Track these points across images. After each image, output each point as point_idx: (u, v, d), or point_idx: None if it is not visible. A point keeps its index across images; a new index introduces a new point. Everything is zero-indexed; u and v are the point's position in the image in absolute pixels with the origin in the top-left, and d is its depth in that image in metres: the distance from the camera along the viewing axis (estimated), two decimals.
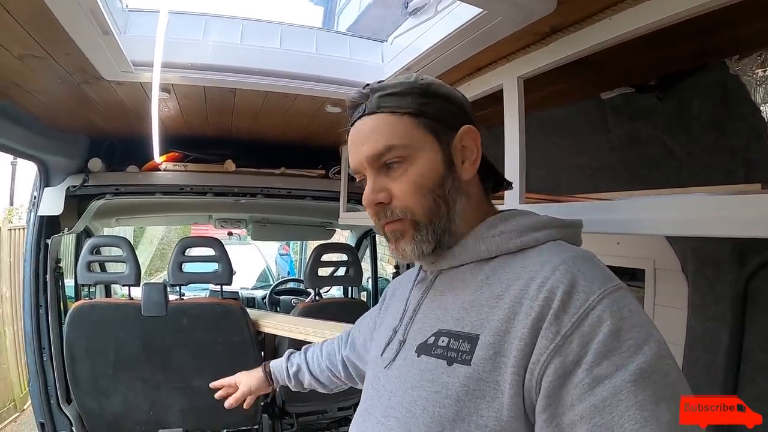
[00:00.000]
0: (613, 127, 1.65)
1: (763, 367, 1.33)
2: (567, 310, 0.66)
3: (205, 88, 1.86)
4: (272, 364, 1.50)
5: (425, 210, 0.84)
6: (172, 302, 2.71)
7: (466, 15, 1.21)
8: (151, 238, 12.96)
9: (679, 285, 1.53)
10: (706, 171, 1.39)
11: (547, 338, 0.65)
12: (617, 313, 0.64)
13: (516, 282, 0.74)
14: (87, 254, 2.67)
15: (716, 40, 1.23)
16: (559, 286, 0.68)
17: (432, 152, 0.84)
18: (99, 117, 2.23)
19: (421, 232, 0.84)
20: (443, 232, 0.85)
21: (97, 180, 2.62)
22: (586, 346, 0.63)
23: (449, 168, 0.86)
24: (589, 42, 1.15)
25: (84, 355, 2.56)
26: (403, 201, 0.84)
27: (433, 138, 0.85)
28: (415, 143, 0.84)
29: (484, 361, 0.70)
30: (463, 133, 0.87)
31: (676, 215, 0.96)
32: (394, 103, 0.85)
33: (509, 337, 0.69)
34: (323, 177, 3.06)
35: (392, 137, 0.83)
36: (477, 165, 0.88)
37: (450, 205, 0.86)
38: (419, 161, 0.84)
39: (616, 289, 0.68)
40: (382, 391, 0.87)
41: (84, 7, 1.15)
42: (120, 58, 1.50)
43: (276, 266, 8.36)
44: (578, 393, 0.62)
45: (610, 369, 0.61)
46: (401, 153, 0.83)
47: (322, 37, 1.90)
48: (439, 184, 0.84)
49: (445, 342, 0.78)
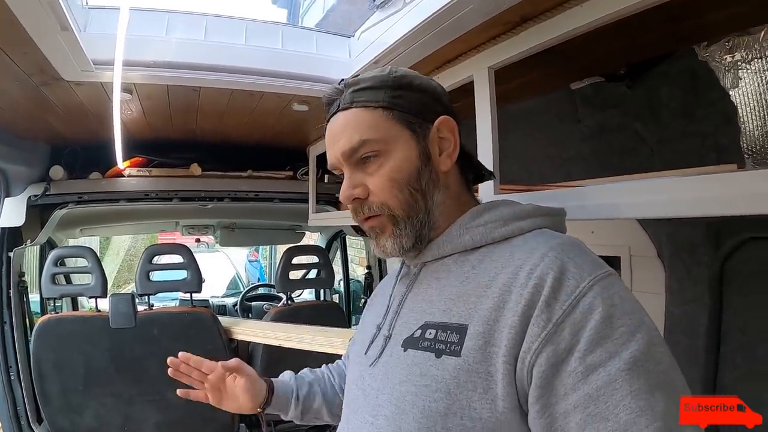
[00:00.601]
0: (584, 116, 1.66)
1: (743, 347, 1.36)
2: (558, 297, 0.65)
3: (168, 87, 1.80)
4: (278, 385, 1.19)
5: (402, 204, 0.83)
6: (140, 313, 2.65)
7: (434, 5, 1.20)
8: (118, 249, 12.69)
9: (655, 270, 1.55)
10: (678, 157, 1.40)
11: (538, 326, 0.64)
12: (608, 300, 0.64)
13: (503, 270, 0.73)
14: (51, 266, 2.58)
15: (685, 27, 1.24)
16: (548, 272, 0.67)
17: (407, 145, 0.84)
18: (59, 121, 2.15)
19: (399, 227, 0.84)
20: (422, 225, 0.84)
21: (60, 188, 2.54)
22: (578, 334, 0.62)
23: (426, 160, 0.85)
24: (559, 30, 1.14)
25: (53, 372, 2.48)
26: (380, 196, 0.83)
27: (408, 131, 0.84)
28: (390, 137, 0.83)
29: (474, 352, 0.69)
30: (439, 123, 0.86)
31: (651, 198, 0.95)
32: (366, 98, 0.84)
33: (499, 326, 0.68)
34: (291, 178, 3.02)
35: (365, 131, 0.83)
36: (455, 156, 0.87)
37: (428, 199, 0.85)
38: (394, 155, 0.83)
39: (607, 275, 0.67)
40: (368, 389, 0.85)
41: (42, 1, 1.10)
42: (80, 56, 1.44)
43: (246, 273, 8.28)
44: (571, 382, 0.61)
45: (604, 357, 0.60)
46: (375, 147, 0.82)
47: (288, 33, 1.86)
48: (415, 177, 0.83)
49: (432, 334, 0.76)
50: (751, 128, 1.25)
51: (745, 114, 1.26)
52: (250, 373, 1.16)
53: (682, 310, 1.45)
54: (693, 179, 0.90)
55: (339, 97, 0.87)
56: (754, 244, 1.34)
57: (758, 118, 1.24)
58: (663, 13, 1.02)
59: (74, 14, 1.34)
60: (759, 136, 1.24)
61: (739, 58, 1.26)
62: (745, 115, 1.26)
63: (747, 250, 1.35)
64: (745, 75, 1.25)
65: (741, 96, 1.27)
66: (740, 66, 1.26)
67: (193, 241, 5.28)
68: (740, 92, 1.27)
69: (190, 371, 1.18)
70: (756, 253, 1.33)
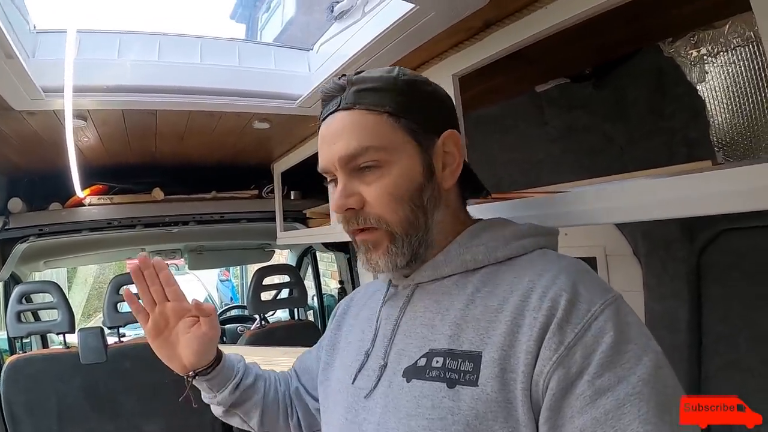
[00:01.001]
0: (550, 118, 1.67)
1: (725, 338, 1.37)
2: (570, 320, 0.63)
3: (123, 111, 1.74)
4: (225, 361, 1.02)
5: (401, 221, 0.77)
6: (111, 346, 2.60)
7: (395, 14, 1.17)
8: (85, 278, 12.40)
9: (631, 268, 1.56)
10: (649, 154, 1.41)
11: (551, 348, 0.62)
12: (618, 325, 0.62)
13: (514, 293, 0.70)
14: (15, 304, 2.52)
15: (649, 25, 1.25)
16: (561, 294, 0.65)
17: (411, 158, 0.78)
18: (14, 152, 2.08)
19: (396, 245, 0.78)
20: (420, 244, 0.79)
21: (19, 222, 2.44)
22: (589, 357, 0.61)
23: (429, 176, 0.79)
24: (524, 34, 1.12)
25: (25, 413, 2.41)
26: (377, 209, 0.77)
27: (414, 142, 0.78)
28: (393, 146, 0.77)
29: (492, 380, 0.65)
30: (445, 137, 0.81)
31: (626, 202, 0.93)
32: (372, 100, 0.77)
33: (515, 351, 0.65)
34: (257, 197, 2.96)
35: (369, 138, 0.76)
36: (458, 173, 0.82)
37: (428, 216, 0.79)
38: (397, 167, 0.77)
39: (615, 299, 0.66)
40: (365, 424, 0.78)
41: None
42: (28, 84, 1.38)
43: (218, 293, 8.20)
44: (579, 405, 0.60)
45: (613, 381, 0.59)
46: (377, 156, 0.76)
47: (245, 50, 1.82)
48: (417, 193, 0.78)
49: (440, 363, 0.71)
50: (720, 121, 1.28)
51: (713, 107, 1.29)
52: (214, 326, 0.97)
53: (662, 306, 1.46)
54: (668, 180, 0.88)
55: (339, 94, 0.80)
56: (728, 236, 1.35)
57: (727, 111, 1.27)
58: (626, 12, 1.00)
59: (21, 40, 1.29)
60: (728, 129, 1.27)
61: (705, 53, 1.28)
62: (714, 108, 1.29)
63: (722, 242, 1.36)
64: (711, 69, 1.28)
65: (708, 90, 1.29)
66: (706, 60, 1.28)
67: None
68: (707, 86, 1.29)
69: (152, 281, 0.95)
70: (731, 245, 1.35)
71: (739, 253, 1.33)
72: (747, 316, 1.33)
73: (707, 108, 1.29)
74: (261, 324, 3.14)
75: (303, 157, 2.47)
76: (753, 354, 1.31)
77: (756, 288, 1.30)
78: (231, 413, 1.03)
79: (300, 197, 2.97)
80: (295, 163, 2.58)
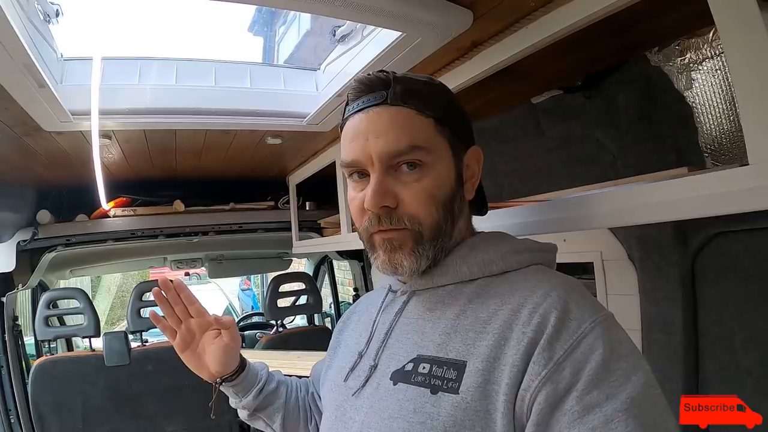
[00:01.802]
0: (547, 129, 1.70)
1: (720, 340, 1.38)
2: (560, 337, 0.64)
3: (145, 131, 1.85)
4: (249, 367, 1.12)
5: (433, 224, 0.78)
6: (135, 349, 2.69)
7: (388, 39, 1.23)
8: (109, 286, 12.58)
9: (628, 272, 1.57)
10: (639, 160, 1.43)
11: (540, 364, 0.63)
12: (608, 343, 0.63)
13: (504, 307, 0.71)
14: (44, 309, 2.62)
15: (635, 35, 1.28)
16: (552, 311, 0.66)
17: (448, 164, 0.80)
18: (43, 168, 2.20)
19: (423, 246, 0.78)
20: (441, 249, 0.80)
21: (48, 232, 2.57)
22: (578, 374, 0.61)
23: (459, 184, 0.82)
24: (510, 51, 1.19)
25: (51, 413, 2.51)
26: (413, 209, 0.77)
27: (451, 150, 0.81)
28: (437, 150, 0.78)
29: (473, 390, 0.66)
30: (471, 152, 0.85)
31: (617, 206, 0.97)
32: (422, 102, 0.78)
33: (499, 363, 0.66)
34: (273, 208, 3.05)
35: (417, 137, 0.76)
36: (476, 186, 0.87)
37: (454, 223, 0.82)
38: (435, 171, 0.78)
39: (606, 318, 0.67)
40: (350, 422, 0.80)
41: (17, 62, 1.14)
42: (58, 108, 1.49)
43: (239, 302, 8.28)
44: (567, 421, 0.60)
45: (601, 398, 0.59)
46: (422, 157, 0.76)
47: (257, 71, 1.90)
48: (450, 198, 0.80)
49: (426, 369, 0.72)
50: (708, 127, 1.29)
51: (701, 114, 1.30)
52: (235, 337, 1.06)
53: (657, 309, 1.47)
54: (653, 186, 0.93)
55: (385, 89, 0.78)
56: (721, 239, 1.36)
57: (714, 117, 1.28)
58: (611, 24, 1.06)
59: (50, 68, 1.38)
60: (717, 135, 1.28)
61: (691, 60, 1.29)
62: (702, 114, 1.30)
63: (715, 245, 1.37)
64: (698, 76, 1.29)
65: (696, 96, 1.30)
66: (692, 67, 1.30)
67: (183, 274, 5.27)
68: (695, 93, 1.30)
69: (176, 302, 1.05)
70: (724, 248, 1.36)
71: (732, 255, 1.34)
72: (742, 318, 1.33)
73: (695, 114, 1.30)
74: (278, 329, 3.23)
75: (316, 169, 2.55)
76: (749, 355, 1.31)
77: (749, 290, 1.31)
78: (255, 417, 1.10)
79: (315, 207, 3.06)
80: (309, 175, 2.66)
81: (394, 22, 1.09)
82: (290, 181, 2.92)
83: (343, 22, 1.48)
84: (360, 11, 1.02)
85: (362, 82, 0.81)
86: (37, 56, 1.20)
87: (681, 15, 1.18)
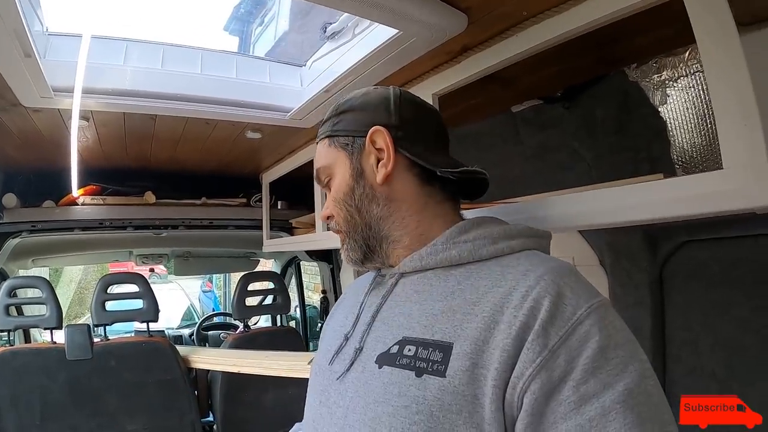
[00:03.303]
0: (525, 137, 1.74)
1: (687, 344, 1.43)
2: (554, 323, 0.63)
3: (125, 114, 1.81)
4: None
5: (344, 220, 0.89)
6: (97, 344, 2.57)
7: (382, 37, 1.25)
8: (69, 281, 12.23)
9: (599, 278, 1.62)
10: (614, 170, 1.49)
11: (534, 351, 0.62)
12: (605, 330, 0.62)
13: (494, 289, 0.70)
14: (4, 297, 2.49)
15: (615, 51, 1.33)
16: (545, 296, 0.65)
17: (343, 167, 0.88)
18: (14, 148, 2.13)
19: (347, 242, 0.90)
20: (365, 238, 0.87)
21: (12, 217, 2.46)
22: (573, 362, 0.61)
23: (358, 177, 0.86)
24: (498, 58, 1.22)
25: (8, 407, 2.37)
26: (333, 214, 0.91)
27: (344, 152, 0.88)
28: (332, 162, 0.90)
29: (461, 373, 0.65)
30: (371, 134, 0.85)
31: (587, 208, 1.01)
32: (321, 131, 0.93)
33: (489, 347, 0.65)
34: (245, 205, 3.02)
35: (319, 161, 0.93)
36: (390, 166, 0.84)
37: (363, 213, 0.86)
38: (336, 177, 0.90)
39: (601, 304, 0.66)
40: (334, 407, 0.79)
41: (8, 26, 1.09)
42: (40, 83, 1.44)
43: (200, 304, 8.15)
44: (563, 411, 0.59)
45: (598, 387, 0.59)
46: (327, 173, 0.91)
47: (242, 63, 1.90)
48: (349, 195, 0.88)
49: (412, 351, 0.71)
50: (680, 140, 1.35)
51: (674, 128, 1.36)
52: None
53: (627, 314, 1.51)
54: (625, 189, 0.97)
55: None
56: (688, 247, 1.43)
57: (686, 131, 1.34)
58: (593, 39, 1.11)
59: (35, 41, 1.32)
60: (688, 148, 1.34)
61: (666, 77, 1.35)
62: (674, 128, 1.36)
63: (683, 253, 1.44)
64: (672, 92, 1.35)
65: (669, 111, 1.36)
66: (668, 84, 1.35)
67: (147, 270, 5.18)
68: (669, 108, 1.36)
69: None
70: (691, 255, 1.42)
71: (699, 263, 1.40)
72: (707, 323, 1.39)
73: (668, 128, 1.36)
74: (244, 329, 3.18)
75: (291, 168, 2.54)
76: (714, 358, 1.36)
77: (714, 296, 1.37)
78: None
79: (287, 207, 3.03)
80: (284, 173, 2.65)
81: (391, 18, 1.10)
82: (264, 178, 2.90)
83: (335, 19, 1.50)
84: (360, 4, 1.03)
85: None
86: (27, 23, 1.15)
87: (659, 35, 1.24)
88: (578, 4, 1.03)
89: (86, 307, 2.91)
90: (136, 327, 4.05)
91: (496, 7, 1.10)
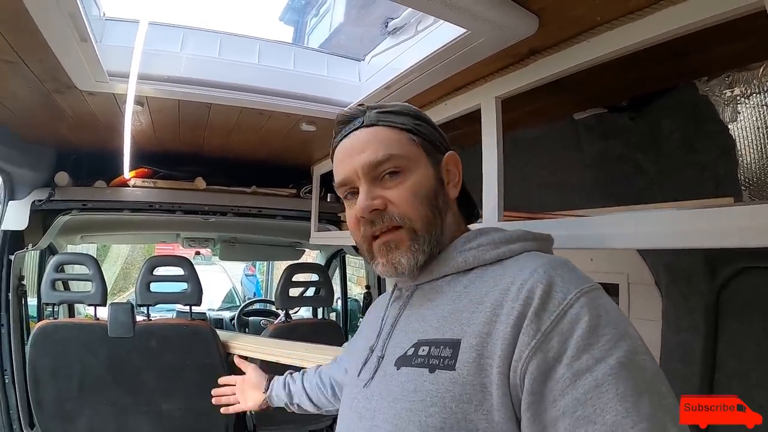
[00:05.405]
0: (586, 145, 1.70)
1: (737, 374, 1.38)
2: (546, 308, 0.67)
3: (179, 102, 1.82)
4: (274, 386, 1.46)
5: (423, 218, 0.85)
6: (139, 323, 2.62)
7: (447, 36, 1.23)
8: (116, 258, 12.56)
9: (652, 298, 1.57)
10: (677, 186, 1.44)
11: (528, 335, 0.66)
12: (594, 310, 0.66)
13: (495, 287, 0.76)
14: (52, 272, 2.56)
15: (688, 63, 1.28)
16: (537, 285, 0.70)
17: (425, 167, 0.89)
18: (68, 129, 2.17)
19: (418, 242, 0.85)
20: (437, 243, 0.87)
21: (64, 195, 2.52)
22: (565, 342, 0.64)
23: (440, 183, 0.90)
24: (566, 64, 1.19)
25: (48, 377, 2.45)
26: (402, 207, 0.85)
27: (427, 156, 0.89)
28: (412, 156, 0.88)
29: (468, 365, 0.70)
30: (448, 157, 0.93)
31: (649, 229, 0.99)
32: (392, 120, 0.89)
33: (492, 338, 0.70)
34: (295, 196, 3.03)
35: (392, 147, 0.86)
36: (459, 187, 0.94)
37: (443, 216, 0.88)
38: (415, 174, 0.87)
39: (592, 289, 0.70)
40: (363, 411, 0.85)
41: (63, 10, 1.10)
42: (96, 67, 1.46)
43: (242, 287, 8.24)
44: (560, 388, 0.63)
45: (590, 362, 0.62)
46: (399, 164, 0.86)
47: (300, 54, 1.90)
48: (433, 194, 0.87)
49: (426, 351, 0.78)
50: (748, 161, 1.30)
51: (743, 147, 1.30)
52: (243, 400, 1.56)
53: (678, 338, 1.47)
54: (690, 212, 0.93)
55: (361, 116, 0.91)
56: (749, 274, 1.36)
57: (755, 152, 1.28)
58: (668, 49, 1.07)
59: (92, 25, 1.34)
60: (756, 169, 1.28)
61: (738, 93, 1.30)
62: (743, 148, 1.30)
63: (742, 279, 1.37)
64: (743, 109, 1.30)
65: (739, 129, 1.31)
66: (739, 100, 1.30)
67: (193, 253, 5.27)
68: (739, 126, 1.31)
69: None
70: (750, 283, 1.36)
71: (758, 291, 1.34)
72: (760, 354, 1.33)
73: (737, 147, 1.31)
74: (285, 319, 3.19)
75: None
76: (764, 392, 1.31)
77: None
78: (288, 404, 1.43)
79: (335, 200, 3.02)
80: None
81: (462, 17, 1.08)
82: (315, 170, 2.90)
83: (397, 14, 1.48)
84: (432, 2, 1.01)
85: (341, 118, 0.94)
86: (83, 7, 1.17)
87: (738, 48, 1.19)
88: (655, 12, 0.99)
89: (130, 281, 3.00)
90: (178, 308, 4.13)
91: (569, 10, 1.07)
